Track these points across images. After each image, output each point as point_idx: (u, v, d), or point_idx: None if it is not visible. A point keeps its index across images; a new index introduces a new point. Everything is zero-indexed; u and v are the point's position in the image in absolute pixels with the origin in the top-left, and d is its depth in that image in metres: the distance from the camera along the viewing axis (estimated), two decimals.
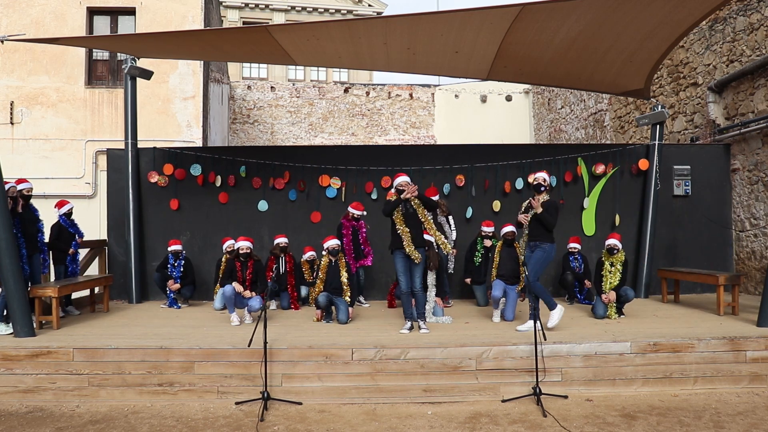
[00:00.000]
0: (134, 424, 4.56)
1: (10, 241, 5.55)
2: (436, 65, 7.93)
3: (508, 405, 4.90)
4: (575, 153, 8.78)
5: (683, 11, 6.16)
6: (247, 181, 8.61)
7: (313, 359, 5.15)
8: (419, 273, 6.09)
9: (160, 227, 8.55)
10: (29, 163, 11.99)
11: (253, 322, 6.42)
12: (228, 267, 6.78)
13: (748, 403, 4.94)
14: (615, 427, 4.43)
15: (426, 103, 19.04)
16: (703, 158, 8.87)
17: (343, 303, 6.51)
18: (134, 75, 8.08)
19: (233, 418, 4.67)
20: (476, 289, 7.69)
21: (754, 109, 8.23)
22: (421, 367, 5.14)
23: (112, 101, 12.39)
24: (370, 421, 4.61)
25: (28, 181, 6.48)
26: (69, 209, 7.34)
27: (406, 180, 6.08)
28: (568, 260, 7.78)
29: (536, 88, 17.84)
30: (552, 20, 6.27)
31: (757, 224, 8.36)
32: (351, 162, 8.65)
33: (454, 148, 9.22)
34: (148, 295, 8.39)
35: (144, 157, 8.55)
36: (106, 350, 5.17)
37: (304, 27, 7.91)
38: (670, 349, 5.30)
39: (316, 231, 8.46)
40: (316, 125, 18.50)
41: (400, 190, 6.04)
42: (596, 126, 13.52)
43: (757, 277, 8.33)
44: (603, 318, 6.55)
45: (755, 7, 8.13)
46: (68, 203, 7.40)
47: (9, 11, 12.16)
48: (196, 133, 12.64)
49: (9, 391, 5.06)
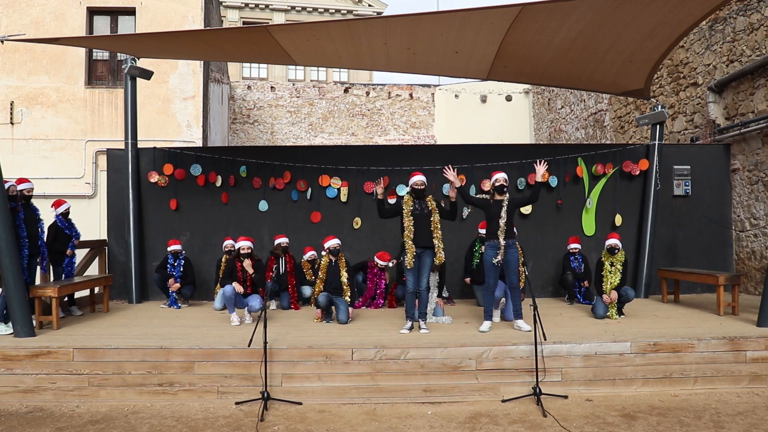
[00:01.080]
0: (134, 424, 4.56)
1: (10, 241, 5.55)
2: (436, 65, 7.93)
3: (508, 405, 4.90)
4: (575, 153, 8.78)
5: (683, 11, 6.16)
6: (247, 181, 8.61)
7: (313, 359, 5.15)
8: (426, 273, 6.11)
9: (160, 227, 8.55)
10: (29, 163, 11.99)
11: (253, 322, 6.42)
12: (228, 267, 6.78)
13: (748, 403, 4.94)
14: (615, 427, 4.43)
15: (426, 103, 19.04)
16: (703, 158, 8.87)
17: (343, 303, 6.51)
18: (134, 75, 8.08)
19: (233, 418, 4.67)
20: (476, 289, 7.69)
21: (754, 109, 8.23)
22: (421, 367, 5.15)
23: (112, 101, 12.39)
24: (370, 421, 4.61)
25: (29, 180, 6.46)
26: (66, 209, 7.23)
27: (422, 179, 6.08)
28: (569, 260, 7.77)
29: (536, 88, 17.84)
30: (552, 20, 6.27)
31: (757, 224, 8.36)
32: (351, 162, 8.65)
33: (454, 148, 9.22)
34: (148, 295, 8.39)
35: (144, 157, 8.55)
36: (106, 350, 5.17)
37: (304, 27, 7.91)
38: (670, 349, 5.30)
39: (316, 231, 8.46)
40: (316, 125, 18.50)
41: (416, 189, 6.04)
42: (596, 126, 13.52)
43: (757, 277, 8.33)
44: (603, 318, 6.55)
45: (755, 7, 8.13)
46: (65, 203, 7.28)
47: (9, 11, 12.16)
48: (196, 133, 12.65)
49: (9, 391, 5.06)
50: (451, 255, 7.99)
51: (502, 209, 5.97)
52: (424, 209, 6.08)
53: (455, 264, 8.06)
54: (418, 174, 6.14)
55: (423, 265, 6.07)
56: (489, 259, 6.02)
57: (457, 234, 8.20)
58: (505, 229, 5.94)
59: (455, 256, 8.13)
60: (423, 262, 6.07)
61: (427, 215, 6.06)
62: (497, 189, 6.07)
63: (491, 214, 6.03)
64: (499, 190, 6.06)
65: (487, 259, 6.04)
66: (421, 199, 6.12)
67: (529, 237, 8.40)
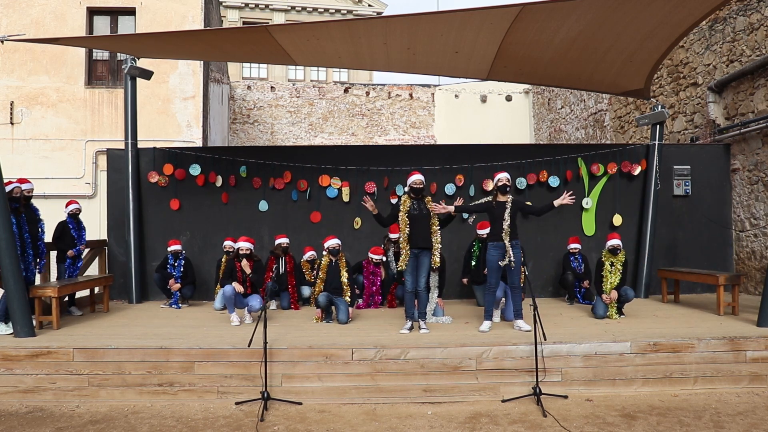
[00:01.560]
0: (134, 424, 4.56)
1: (10, 241, 5.54)
2: (436, 65, 7.93)
3: (508, 405, 4.90)
4: (575, 153, 8.78)
5: (683, 11, 6.16)
6: (247, 181, 8.61)
7: (313, 359, 5.15)
8: (425, 273, 6.10)
9: (160, 227, 8.55)
10: (29, 163, 11.98)
11: (253, 322, 6.42)
12: (228, 267, 6.77)
13: (748, 403, 4.94)
14: (615, 427, 4.43)
15: (426, 103, 19.04)
16: (703, 158, 8.87)
17: (343, 303, 6.50)
18: (134, 75, 8.07)
19: (233, 418, 4.67)
20: (476, 289, 7.69)
21: (754, 109, 8.23)
22: (421, 367, 5.15)
23: (112, 101, 12.39)
24: (370, 421, 4.61)
25: (30, 181, 6.47)
26: (75, 209, 7.36)
27: (421, 178, 6.07)
28: (569, 260, 7.77)
29: (536, 88, 17.84)
30: (552, 20, 6.27)
31: (757, 224, 8.36)
32: (351, 162, 8.65)
33: (454, 148, 9.21)
34: (148, 295, 8.39)
35: (144, 157, 8.55)
36: (106, 350, 5.17)
37: (304, 27, 7.91)
38: (670, 349, 5.30)
39: (316, 231, 8.46)
40: (316, 125, 18.50)
41: (415, 188, 6.02)
42: (596, 126, 13.52)
43: (757, 277, 8.33)
44: (603, 318, 6.55)
45: (755, 7, 8.13)
46: (76, 203, 7.45)
47: (9, 11, 12.16)
48: (196, 133, 12.64)
49: (9, 391, 5.06)
50: (451, 255, 8.01)
51: (505, 211, 5.94)
52: (422, 209, 6.07)
53: (455, 264, 8.06)
54: (416, 173, 6.13)
55: (421, 265, 6.06)
56: (494, 260, 5.98)
57: (456, 234, 8.20)
58: (509, 231, 5.93)
59: (455, 256, 8.13)
60: (421, 262, 6.05)
61: (426, 216, 6.05)
62: (500, 189, 6.05)
63: (495, 215, 6.00)
64: (503, 190, 6.03)
65: (492, 260, 6.01)
66: (420, 200, 6.11)
67: (529, 237, 8.39)
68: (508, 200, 5.99)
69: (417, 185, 6.04)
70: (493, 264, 5.99)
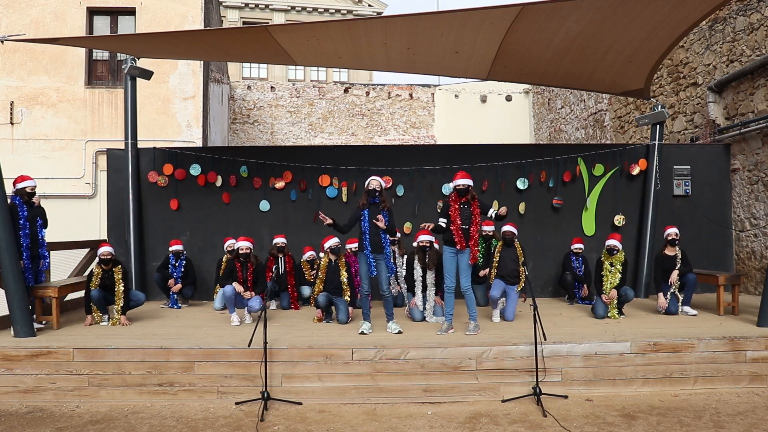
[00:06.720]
0: (134, 424, 4.56)
1: (10, 241, 5.54)
2: (436, 65, 7.93)
3: (508, 405, 4.90)
4: (575, 153, 8.78)
5: (683, 11, 6.16)
6: (247, 181, 8.61)
7: (313, 359, 5.15)
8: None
9: (160, 227, 8.55)
10: (29, 163, 11.98)
11: (253, 322, 6.41)
12: (228, 267, 6.78)
13: (748, 403, 4.94)
14: (615, 427, 4.43)
15: (426, 103, 19.04)
16: (703, 158, 8.87)
17: (343, 303, 6.51)
18: (134, 75, 8.07)
19: (233, 418, 4.67)
20: (476, 289, 7.67)
21: (754, 109, 8.23)
22: (421, 367, 5.15)
23: (112, 101, 12.40)
24: (370, 421, 4.61)
25: (31, 178, 6.32)
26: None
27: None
28: (570, 260, 7.77)
29: (536, 88, 17.84)
30: (552, 20, 6.27)
31: (757, 224, 8.36)
32: (351, 162, 8.65)
33: (454, 148, 9.22)
34: (148, 295, 8.36)
35: (144, 157, 8.54)
36: (106, 350, 5.17)
37: (304, 27, 7.91)
38: (670, 349, 5.30)
39: (316, 231, 8.45)
40: (316, 125, 18.50)
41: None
42: (596, 126, 13.52)
43: (757, 277, 8.33)
44: (603, 318, 6.55)
45: (755, 7, 8.13)
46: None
47: (9, 11, 12.16)
48: (196, 133, 12.65)
49: (9, 391, 5.07)
50: None
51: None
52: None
53: None
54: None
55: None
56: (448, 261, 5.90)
57: None
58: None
59: None
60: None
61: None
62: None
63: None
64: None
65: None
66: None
67: (529, 237, 8.40)
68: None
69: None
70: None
